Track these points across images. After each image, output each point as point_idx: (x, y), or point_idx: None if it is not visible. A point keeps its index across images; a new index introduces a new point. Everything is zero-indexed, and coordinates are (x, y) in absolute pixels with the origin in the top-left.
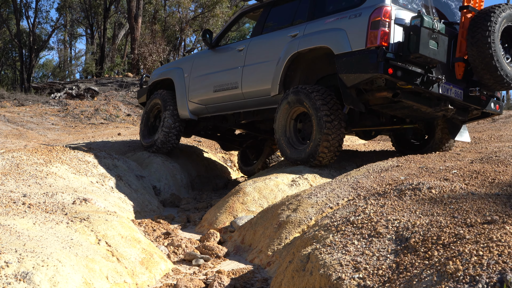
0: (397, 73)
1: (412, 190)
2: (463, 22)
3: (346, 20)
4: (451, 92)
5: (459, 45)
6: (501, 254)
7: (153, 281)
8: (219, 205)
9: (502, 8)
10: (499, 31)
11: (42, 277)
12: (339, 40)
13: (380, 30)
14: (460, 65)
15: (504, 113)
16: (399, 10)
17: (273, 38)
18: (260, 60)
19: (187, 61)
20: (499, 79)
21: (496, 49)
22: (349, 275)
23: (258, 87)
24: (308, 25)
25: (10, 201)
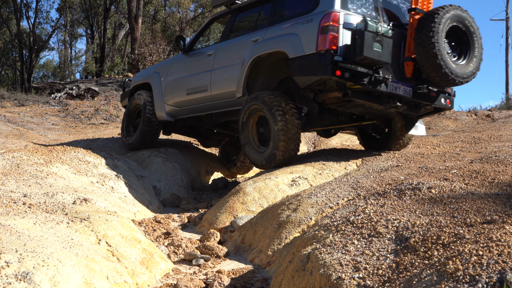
0: (345, 74)
1: (412, 190)
2: (412, 23)
3: (300, 25)
4: (399, 90)
5: (407, 45)
6: (501, 254)
7: (154, 281)
8: (219, 205)
9: (446, 9)
10: (443, 31)
11: (42, 277)
12: (293, 45)
13: (329, 35)
14: (409, 64)
15: (504, 113)
16: (348, 15)
17: (238, 43)
18: (226, 64)
19: (163, 65)
20: (445, 76)
21: (440, 49)
22: (349, 275)
23: (225, 90)
24: (268, 31)
25: (11, 201)
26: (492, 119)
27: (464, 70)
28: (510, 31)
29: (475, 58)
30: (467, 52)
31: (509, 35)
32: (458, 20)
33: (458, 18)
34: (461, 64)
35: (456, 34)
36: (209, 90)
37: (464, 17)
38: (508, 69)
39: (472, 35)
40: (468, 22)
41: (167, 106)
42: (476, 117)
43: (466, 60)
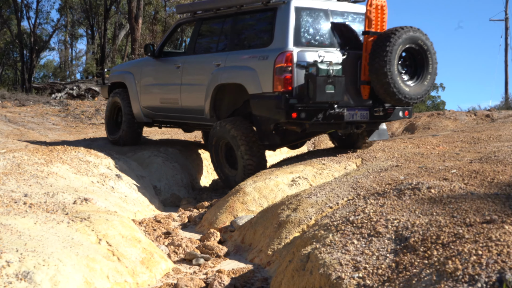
0: (301, 115)
1: (411, 189)
2: (366, 47)
3: (257, 60)
4: (356, 116)
5: (363, 69)
6: (500, 254)
7: (154, 280)
8: (219, 204)
9: (398, 34)
10: (395, 58)
11: (43, 276)
12: (252, 81)
13: (284, 76)
14: (366, 87)
15: (503, 113)
16: (302, 52)
17: (202, 63)
18: (193, 82)
19: (136, 67)
20: (399, 100)
21: (393, 77)
22: (348, 274)
23: (194, 107)
24: (229, 57)
25: (11, 200)
26: (492, 119)
27: (418, 90)
28: (509, 31)
29: (429, 75)
30: (422, 71)
31: (508, 36)
32: (411, 41)
33: (410, 40)
34: (415, 85)
35: (410, 53)
36: (180, 103)
37: (417, 37)
38: (507, 69)
39: (426, 53)
40: (421, 41)
41: (143, 108)
42: (476, 117)
43: (420, 80)
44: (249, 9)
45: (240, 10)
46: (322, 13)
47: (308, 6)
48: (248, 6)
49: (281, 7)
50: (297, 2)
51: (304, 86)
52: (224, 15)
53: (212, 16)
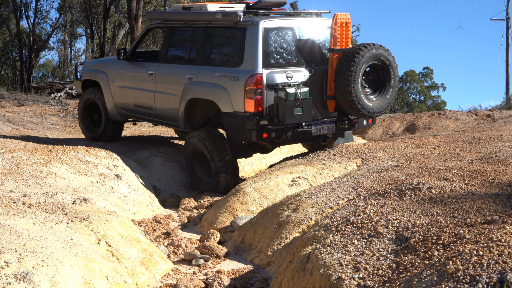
0: (271, 135)
1: (412, 190)
2: (331, 63)
3: (228, 80)
4: (323, 130)
5: (329, 85)
6: (501, 254)
7: (153, 281)
8: (219, 205)
9: (362, 53)
10: (359, 76)
11: (42, 277)
12: (224, 99)
13: (255, 98)
14: (331, 102)
15: (504, 113)
16: (271, 73)
17: (175, 74)
18: (166, 91)
19: (109, 66)
20: (362, 114)
21: (357, 94)
22: (349, 275)
23: (168, 114)
24: (201, 72)
25: (10, 201)
26: (493, 119)
27: (381, 104)
28: (510, 31)
29: (391, 88)
30: (384, 85)
31: (510, 35)
32: (374, 58)
33: (374, 58)
34: (378, 99)
35: (374, 69)
36: (154, 109)
37: (380, 54)
38: (508, 69)
39: (388, 68)
40: (384, 57)
41: (118, 108)
42: (477, 117)
43: (383, 93)
44: (218, 25)
45: (210, 24)
46: (289, 31)
47: (276, 26)
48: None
49: (250, 27)
50: (265, 24)
51: (274, 107)
52: (194, 26)
53: (184, 26)
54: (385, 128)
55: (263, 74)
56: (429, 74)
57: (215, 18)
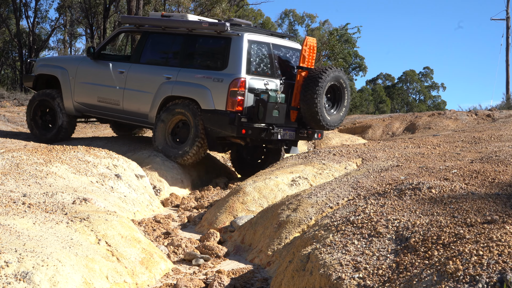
0: (248, 132)
1: (412, 190)
2: (298, 80)
3: (211, 81)
4: (286, 135)
5: (294, 97)
6: (501, 254)
7: (153, 280)
8: (219, 204)
9: (327, 73)
10: (323, 92)
11: (42, 276)
12: (205, 98)
13: (237, 98)
14: (294, 112)
15: (504, 112)
16: (252, 79)
17: (151, 73)
18: (139, 88)
19: (71, 64)
20: (321, 126)
21: (320, 107)
22: (349, 274)
23: (137, 110)
24: (181, 73)
25: (10, 200)
26: (493, 119)
27: (336, 118)
28: (510, 31)
29: (344, 107)
30: (339, 103)
31: (510, 35)
32: (335, 79)
33: (335, 78)
34: (334, 114)
35: (332, 89)
36: (121, 105)
37: (339, 76)
38: (508, 69)
39: (344, 90)
40: (342, 79)
41: (75, 103)
42: (477, 117)
43: (338, 110)
44: (201, 33)
45: (191, 32)
46: (266, 46)
47: (257, 40)
48: (200, 31)
49: (235, 38)
50: (249, 36)
51: (254, 108)
52: (174, 33)
53: (161, 32)
54: (385, 128)
55: (247, 78)
56: (429, 74)
57: (200, 26)
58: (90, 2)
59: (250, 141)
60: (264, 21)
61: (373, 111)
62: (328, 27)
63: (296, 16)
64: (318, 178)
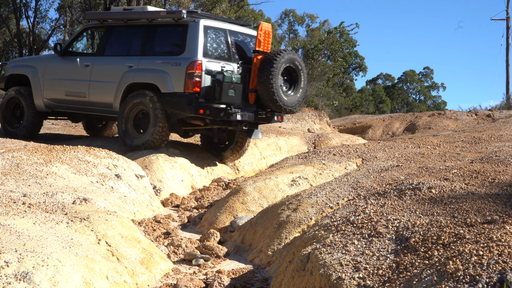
0: (206, 111)
1: (412, 190)
2: (255, 62)
3: (170, 66)
4: (245, 117)
5: (252, 80)
6: (501, 254)
7: (153, 280)
8: (219, 205)
9: (282, 55)
10: (279, 73)
11: (42, 276)
12: (165, 82)
13: (194, 80)
14: (252, 95)
15: (504, 113)
16: (209, 62)
17: (114, 64)
18: (103, 79)
19: (40, 62)
20: (278, 107)
21: (276, 87)
22: (349, 274)
23: (102, 100)
24: (141, 61)
25: (10, 200)
26: (493, 119)
27: (293, 100)
28: (510, 31)
29: (301, 89)
30: (296, 85)
31: (510, 35)
32: (290, 61)
33: (290, 60)
34: (291, 95)
35: (288, 71)
36: (88, 97)
37: (295, 59)
38: (508, 69)
39: (300, 72)
40: (297, 62)
41: (45, 100)
42: (477, 117)
43: (295, 91)
44: (160, 22)
45: (151, 22)
46: (222, 32)
47: (213, 26)
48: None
49: (191, 24)
50: (205, 22)
51: (211, 89)
52: (135, 25)
53: (123, 25)
54: (385, 128)
55: (203, 61)
56: (429, 74)
57: (159, 16)
58: (90, 2)
59: (210, 122)
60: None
61: (373, 111)
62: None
63: (296, 16)
64: (318, 178)
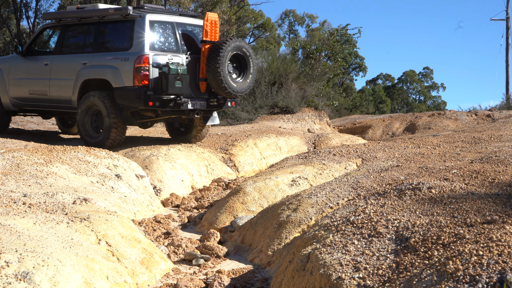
0: (156, 103)
1: (412, 190)
2: (203, 52)
3: (119, 61)
4: (197, 105)
5: (201, 69)
6: (501, 254)
7: (154, 281)
8: (219, 205)
9: (228, 43)
10: (226, 61)
11: (42, 276)
12: (115, 77)
13: (142, 74)
14: (203, 83)
15: (504, 113)
16: (156, 55)
17: (70, 61)
18: (61, 77)
19: (5, 63)
20: (228, 93)
21: (224, 75)
22: (349, 274)
23: (62, 97)
24: (94, 57)
25: (11, 201)
26: (493, 119)
27: (242, 86)
28: (510, 31)
29: (250, 75)
30: (245, 71)
31: (509, 35)
32: (237, 49)
33: (237, 48)
34: (240, 82)
35: (237, 58)
36: (49, 94)
37: (242, 46)
38: (508, 69)
39: (248, 58)
40: (245, 49)
41: (12, 99)
42: (477, 117)
43: (244, 78)
44: (110, 19)
45: (102, 19)
46: (169, 25)
47: (159, 20)
48: (109, 17)
49: (138, 19)
50: (151, 17)
51: (158, 81)
52: (88, 22)
53: (77, 23)
54: (385, 128)
55: (150, 55)
56: (429, 74)
57: (108, 13)
58: (90, 2)
59: (162, 113)
60: (264, 21)
61: (373, 111)
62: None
63: (296, 16)
64: (318, 178)
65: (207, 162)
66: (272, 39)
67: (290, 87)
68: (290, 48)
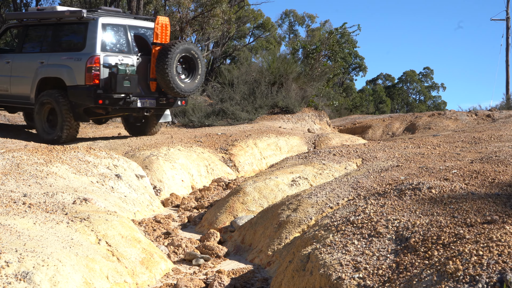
0: (106, 101)
1: (412, 190)
2: (154, 53)
3: (73, 61)
4: (146, 103)
5: (152, 70)
6: (501, 254)
7: (153, 280)
8: (219, 205)
9: (176, 46)
10: (174, 62)
11: (42, 276)
12: (69, 76)
13: (93, 73)
14: (153, 83)
15: (504, 113)
16: (107, 56)
17: (29, 60)
18: (20, 74)
19: None
20: (177, 93)
21: (172, 75)
22: (349, 275)
23: (21, 93)
24: (51, 57)
25: (11, 200)
26: (493, 119)
27: (190, 86)
28: (510, 31)
29: (199, 75)
30: (193, 72)
31: (510, 35)
32: (186, 51)
33: (186, 50)
34: (189, 82)
35: (186, 60)
36: (10, 90)
37: (190, 48)
38: (508, 69)
39: (197, 60)
40: (193, 51)
41: None
42: (477, 117)
43: (193, 78)
44: (66, 21)
45: (59, 21)
46: (122, 27)
47: (111, 22)
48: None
49: (91, 22)
50: (103, 20)
51: (108, 81)
52: (46, 23)
53: (37, 24)
54: (385, 128)
55: (101, 56)
56: (429, 74)
57: (64, 15)
58: (90, 2)
59: (112, 111)
60: (264, 21)
61: (373, 111)
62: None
63: (296, 16)
64: (318, 178)
65: (207, 162)
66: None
67: (290, 87)
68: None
